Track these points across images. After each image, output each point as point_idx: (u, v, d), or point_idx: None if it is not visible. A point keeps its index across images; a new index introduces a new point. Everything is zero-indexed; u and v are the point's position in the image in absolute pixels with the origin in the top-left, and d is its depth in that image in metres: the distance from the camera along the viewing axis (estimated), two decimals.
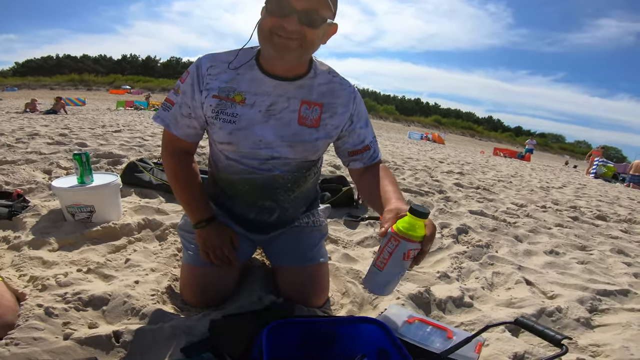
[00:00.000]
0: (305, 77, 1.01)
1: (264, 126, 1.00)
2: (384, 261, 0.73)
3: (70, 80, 56.80)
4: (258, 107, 0.99)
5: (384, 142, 11.50)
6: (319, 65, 1.05)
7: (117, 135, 4.87)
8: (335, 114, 1.03)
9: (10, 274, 1.19)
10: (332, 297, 1.29)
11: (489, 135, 66.10)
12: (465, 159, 9.19)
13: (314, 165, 1.14)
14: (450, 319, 1.28)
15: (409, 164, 5.57)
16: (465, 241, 2.12)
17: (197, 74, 1.01)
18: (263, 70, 0.99)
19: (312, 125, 1.02)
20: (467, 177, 4.89)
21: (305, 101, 1.01)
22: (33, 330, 0.90)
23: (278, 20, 0.85)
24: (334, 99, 1.03)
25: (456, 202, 3.10)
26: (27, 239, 1.43)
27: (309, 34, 0.87)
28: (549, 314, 1.36)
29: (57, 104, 10.70)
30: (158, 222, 1.70)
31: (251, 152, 1.02)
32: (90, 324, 0.98)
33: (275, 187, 1.09)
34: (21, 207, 1.70)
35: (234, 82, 0.99)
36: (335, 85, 1.04)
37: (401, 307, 1.18)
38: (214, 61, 1.01)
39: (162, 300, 1.12)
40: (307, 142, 1.03)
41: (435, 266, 1.73)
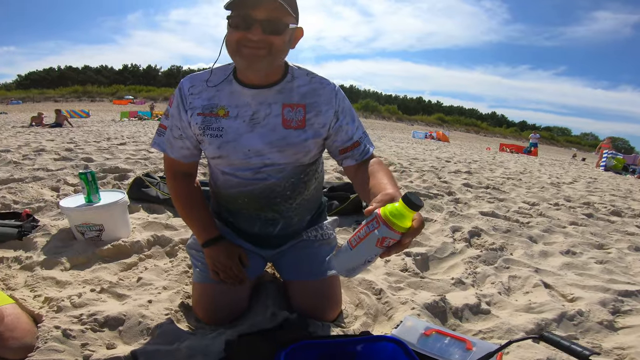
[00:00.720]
0: (283, 82, 1.02)
1: (250, 135, 1.01)
2: (357, 240, 0.68)
3: (73, 91, 57.74)
4: (242, 118, 1.01)
5: (389, 143, 11.47)
6: (296, 69, 1.06)
7: (123, 149, 4.91)
8: (320, 112, 1.04)
9: (25, 295, 1.19)
10: (346, 309, 1.26)
11: (494, 131, 65.70)
12: (471, 156, 9.11)
13: (311, 169, 1.13)
14: (468, 327, 1.25)
15: (416, 165, 5.53)
16: (478, 244, 2.08)
17: (181, 95, 1.04)
18: (240, 82, 1.01)
19: (298, 127, 1.02)
20: (476, 177, 4.84)
21: (286, 104, 1.02)
22: (53, 352, 0.91)
23: (243, 33, 0.87)
24: (316, 98, 1.04)
25: (466, 204, 3.06)
26: (39, 259, 1.44)
27: (275, 41, 0.89)
28: (570, 317, 1.33)
29: (59, 117, 10.85)
30: (167, 239, 1.70)
31: (242, 163, 1.03)
32: (108, 344, 0.99)
33: (274, 196, 1.08)
34: (31, 227, 1.71)
35: (215, 98, 1.02)
36: (315, 84, 1.05)
37: (417, 319, 1.16)
38: (194, 81, 1.05)
39: (176, 318, 1.12)
40: (295, 144, 1.03)
41: (449, 272, 1.70)
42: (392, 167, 4.94)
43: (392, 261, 1.68)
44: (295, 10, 0.91)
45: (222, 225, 1.19)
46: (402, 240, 0.66)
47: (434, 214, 2.62)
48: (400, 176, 4.24)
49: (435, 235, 2.14)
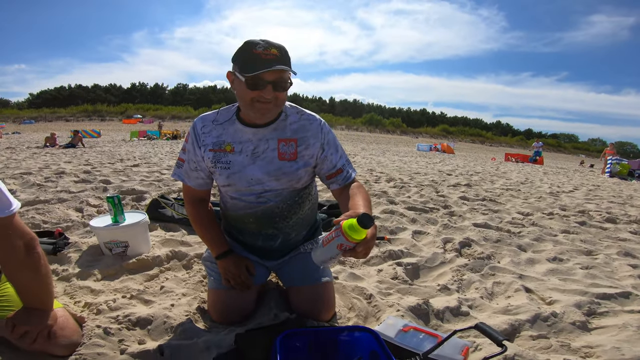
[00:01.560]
0: (278, 120, 1.23)
1: (252, 167, 1.22)
2: (326, 241, 0.90)
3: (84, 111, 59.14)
4: (245, 153, 1.22)
5: (392, 158, 11.63)
6: (289, 108, 1.27)
7: (137, 170, 5.20)
8: (309, 145, 1.24)
9: (66, 301, 1.40)
10: (340, 311, 1.44)
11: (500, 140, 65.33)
12: (474, 168, 9.23)
13: (304, 193, 1.33)
14: (448, 327, 1.41)
15: (416, 179, 5.70)
16: (467, 254, 2.21)
17: (195, 134, 1.26)
18: (243, 122, 1.22)
19: (290, 159, 1.23)
20: (474, 189, 4.98)
21: (281, 139, 1.22)
22: (96, 347, 1.10)
23: (258, 92, 1.08)
24: (305, 133, 1.24)
25: (461, 216, 3.20)
26: (74, 271, 1.66)
27: (281, 96, 1.11)
28: (544, 319, 1.44)
29: (75, 138, 11.30)
30: (183, 253, 1.91)
31: (247, 189, 1.24)
32: (139, 340, 1.18)
33: (273, 216, 1.30)
34: (64, 244, 1.93)
35: (222, 136, 1.24)
36: (304, 121, 1.26)
37: (399, 318, 1.33)
38: (205, 121, 1.26)
39: (194, 319, 1.32)
40: (289, 173, 1.23)
41: (436, 279, 1.86)
42: (392, 183, 5.12)
43: (384, 270, 1.86)
44: (290, 65, 1.10)
45: (231, 241, 1.40)
46: (355, 248, 0.87)
47: (428, 227, 2.77)
48: (399, 191, 4.40)
49: (427, 247, 2.30)
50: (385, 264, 1.98)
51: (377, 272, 1.84)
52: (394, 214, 3.08)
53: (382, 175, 6.06)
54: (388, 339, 1.13)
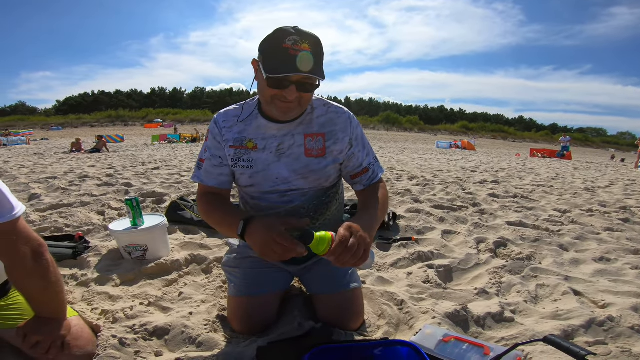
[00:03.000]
0: (304, 114, 1.13)
1: (277, 165, 1.12)
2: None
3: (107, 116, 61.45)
4: (269, 150, 1.13)
5: (412, 155, 11.39)
6: (315, 100, 1.17)
7: (157, 173, 5.25)
8: (337, 140, 1.14)
9: (83, 308, 1.35)
10: (368, 319, 1.33)
11: (523, 136, 63.31)
12: (499, 164, 8.88)
13: (331, 192, 1.22)
14: (490, 334, 1.27)
15: (439, 177, 5.50)
16: (504, 255, 2.07)
17: (218, 128, 1.17)
18: (266, 117, 1.13)
19: (318, 155, 1.13)
20: (503, 186, 4.74)
21: (307, 134, 1.13)
22: (111, 359, 1.03)
23: (279, 91, 0.98)
24: (333, 127, 1.14)
25: (492, 215, 3.02)
26: (93, 276, 1.62)
27: (307, 97, 1.02)
28: (600, 323, 1.31)
29: (99, 143, 11.69)
30: (203, 257, 1.84)
31: (271, 189, 1.15)
32: (156, 352, 1.11)
33: (298, 217, 1.15)
34: (84, 248, 1.91)
35: (244, 132, 1.14)
36: (331, 114, 1.16)
37: (437, 327, 1.20)
38: (226, 116, 1.17)
39: (213, 329, 1.23)
40: (317, 171, 1.13)
41: (472, 283, 1.72)
42: (415, 181, 4.94)
43: (414, 273, 1.72)
44: (322, 62, 0.98)
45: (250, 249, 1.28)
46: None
47: (458, 226, 2.62)
48: (423, 189, 4.23)
49: (459, 247, 2.15)
50: (414, 266, 1.85)
51: (406, 276, 1.71)
52: (420, 213, 2.93)
53: (403, 173, 5.88)
54: (428, 352, 1.01)
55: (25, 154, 10.02)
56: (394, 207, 3.15)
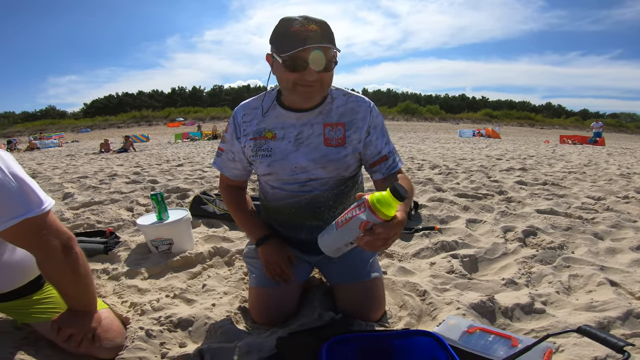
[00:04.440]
0: (323, 104, 1.13)
1: (296, 154, 1.13)
2: (343, 221, 0.74)
3: (132, 117, 63.48)
4: (288, 139, 1.13)
5: (433, 145, 11.11)
6: (334, 90, 1.16)
7: (181, 170, 5.39)
8: (357, 129, 1.13)
9: (114, 301, 1.41)
10: (390, 310, 1.31)
11: (552, 123, 60.42)
12: (526, 152, 8.51)
13: (351, 181, 1.21)
14: (519, 326, 1.22)
15: (463, 165, 5.33)
16: (534, 244, 1.98)
17: (235, 124, 1.19)
18: (285, 106, 1.13)
19: (338, 145, 1.12)
20: (531, 173, 4.54)
21: (327, 124, 1.12)
22: (138, 350, 1.07)
23: (300, 74, 0.97)
24: (354, 115, 1.13)
25: (520, 202, 2.91)
26: (123, 270, 1.68)
27: (326, 77, 1.01)
28: (638, 315, 1.24)
29: (126, 143, 12.16)
30: (225, 250, 1.87)
31: (290, 179, 1.15)
32: (180, 343, 1.13)
33: (318, 206, 1.18)
34: (114, 243, 1.99)
35: (262, 122, 1.15)
36: (352, 104, 1.14)
37: (461, 318, 1.16)
38: (246, 109, 1.18)
39: (235, 320, 1.25)
40: (336, 160, 1.12)
41: (499, 273, 1.66)
42: (437, 170, 4.82)
43: (438, 263, 1.68)
44: (333, 40, 0.98)
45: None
46: (376, 229, 0.70)
47: (483, 215, 2.53)
48: (445, 178, 4.12)
49: (485, 236, 2.08)
50: (437, 256, 1.81)
51: (429, 266, 1.68)
52: (443, 202, 2.85)
53: (424, 162, 5.75)
54: (451, 343, 0.97)
55: (58, 155, 10.55)
56: (416, 196, 3.09)
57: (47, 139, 22.77)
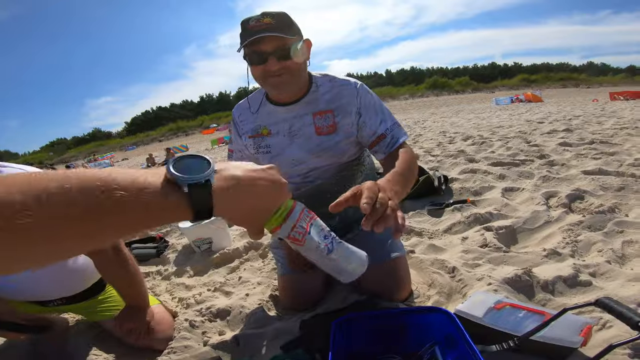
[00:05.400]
0: (309, 93, 1.14)
1: (291, 147, 1.16)
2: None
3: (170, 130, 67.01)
4: (282, 134, 1.16)
5: (467, 116, 10.54)
6: (319, 77, 1.16)
7: None
8: (347, 114, 1.12)
9: (166, 298, 1.55)
10: (418, 289, 1.29)
11: (599, 81, 54.83)
12: (572, 112, 7.80)
13: (353, 164, 1.21)
14: (561, 301, 1.13)
15: (499, 133, 5.02)
16: (581, 209, 1.81)
17: (234, 124, 1.26)
18: (273, 102, 1.17)
19: (329, 132, 1.13)
20: (577, 133, 4.17)
21: (316, 113, 1.13)
22: (184, 340, 1.17)
23: (262, 67, 1.02)
24: (340, 100, 1.12)
25: (564, 165, 2.69)
26: (172, 270, 1.83)
27: (291, 64, 1.02)
28: None
29: (168, 155, 12.93)
30: (259, 243, 1.96)
31: (292, 171, 1.18)
32: (219, 331, 1.23)
33: (324, 193, 1.18)
34: (164, 247, 2.17)
35: (257, 120, 1.20)
36: (337, 88, 1.14)
37: (490, 294, 1.09)
38: (240, 109, 1.25)
39: (267, 307, 1.34)
40: (329, 148, 1.13)
41: (541, 243, 1.55)
42: (470, 141, 4.60)
43: (470, 238, 1.62)
44: (293, 31, 1.02)
45: None
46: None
47: (521, 182, 2.39)
48: (479, 148, 3.93)
49: (524, 205, 1.96)
50: (470, 230, 1.74)
51: (461, 241, 1.62)
52: (476, 173, 2.72)
53: (456, 135, 5.48)
54: (474, 320, 0.91)
55: None
56: (446, 170, 2.97)
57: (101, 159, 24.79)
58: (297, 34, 1.04)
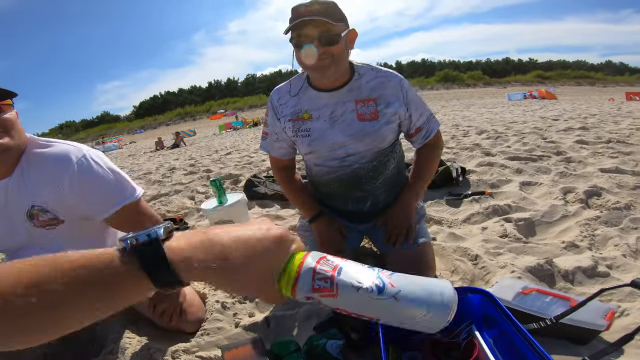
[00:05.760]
0: (351, 81, 1.18)
1: (332, 132, 1.19)
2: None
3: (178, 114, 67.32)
4: (323, 118, 1.20)
5: (479, 110, 10.42)
6: (361, 66, 1.21)
7: (230, 157, 5.71)
8: (389, 103, 1.18)
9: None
10: (441, 275, 1.34)
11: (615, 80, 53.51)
12: (587, 110, 7.67)
13: (388, 151, 1.26)
14: (581, 290, 1.19)
15: (514, 128, 4.99)
16: (598, 205, 1.85)
17: (272, 107, 1.28)
18: (315, 88, 1.20)
19: (372, 119, 1.18)
20: (593, 132, 4.14)
21: (358, 100, 1.18)
22: (216, 321, 1.19)
23: (304, 50, 1.06)
24: (383, 90, 1.18)
25: (581, 162, 2.70)
26: None
27: (334, 50, 1.06)
28: None
29: (177, 139, 13.00)
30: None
31: (329, 155, 1.23)
32: (249, 313, 1.26)
33: (360, 178, 1.26)
34: (184, 229, 2.22)
35: (298, 105, 1.23)
36: (381, 79, 1.19)
37: (515, 280, 1.15)
38: (280, 93, 1.27)
39: None
40: (371, 133, 1.18)
41: (559, 236, 1.59)
42: (485, 135, 4.58)
43: (490, 228, 1.67)
44: (340, 18, 1.06)
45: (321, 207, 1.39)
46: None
47: (539, 177, 2.41)
48: (495, 142, 3.92)
49: (542, 199, 2.00)
50: (489, 220, 1.78)
51: (480, 231, 1.66)
52: (493, 166, 2.75)
53: (470, 128, 5.47)
54: (504, 303, 0.94)
55: (121, 157, 11.62)
56: (462, 162, 2.99)
57: (109, 142, 25.04)
58: (344, 23, 1.08)
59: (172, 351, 1.06)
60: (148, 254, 0.38)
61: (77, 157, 0.97)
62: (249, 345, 0.91)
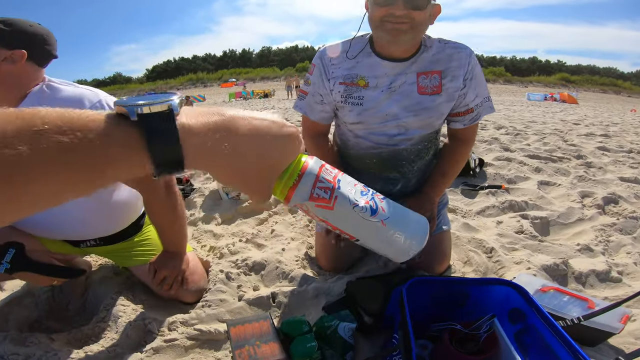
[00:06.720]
0: (418, 53, 1.08)
1: (388, 102, 1.09)
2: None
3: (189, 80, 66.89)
4: (380, 88, 1.09)
5: (497, 107, 10.07)
6: (428, 38, 1.10)
7: None
8: (455, 77, 1.08)
9: (194, 245, 1.50)
10: (453, 265, 1.30)
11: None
12: (610, 119, 7.44)
13: (433, 138, 1.18)
14: (592, 293, 1.17)
15: (533, 127, 4.86)
16: (614, 212, 1.82)
17: (322, 64, 1.14)
18: (379, 55, 1.09)
19: (433, 92, 1.08)
20: (615, 140, 4.01)
21: (420, 73, 1.08)
22: (219, 293, 1.12)
23: (386, 9, 0.96)
24: (450, 63, 1.08)
25: (601, 169, 2.63)
26: (200, 215, 1.81)
27: (417, 16, 0.96)
28: None
29: (187, 102, 12.94)
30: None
31: (379, 128, 1.12)
32: (254, 287, 1.20)
33: (400, 159, 1.17)
34: (190, 190, 2.17)
35: (354, 69, 1.11)
36: (450, 50, 1.08)
37: (533, 277, 1.12)
38: (334, 51, 1.14)
39: (303, 265, 1.32)
40: (430, 108, 1.09)
41: (574, 238, 1.56)
42: (503, 130, 4.47)
43: (505, 223, 1.63)
44: None
45: None
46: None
47: (557, 178, 2.35)
48: (514, 139, 3.84)
49: (559, 200, 1.95)
50: (505, 215, 1.74)
51: (495, 224, 1.62)
52: (511, 162, 2.70)
53: (487, 122, 5.33)
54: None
55: None
56: (481, 154, 2.92)
57: None
58: None
59: (169, 322, 1.00)
60: (155, 124, 0.30)
61: (92, 102, 0.92)
62: (257, 322, 0.86)
